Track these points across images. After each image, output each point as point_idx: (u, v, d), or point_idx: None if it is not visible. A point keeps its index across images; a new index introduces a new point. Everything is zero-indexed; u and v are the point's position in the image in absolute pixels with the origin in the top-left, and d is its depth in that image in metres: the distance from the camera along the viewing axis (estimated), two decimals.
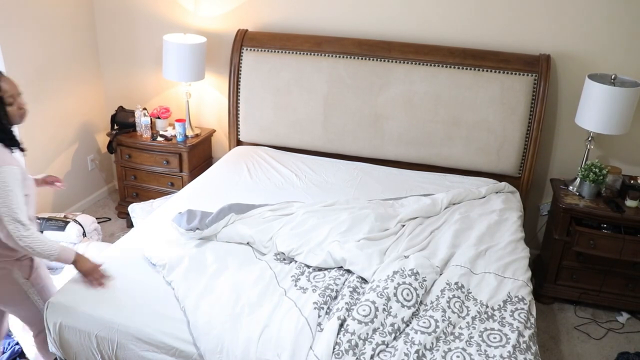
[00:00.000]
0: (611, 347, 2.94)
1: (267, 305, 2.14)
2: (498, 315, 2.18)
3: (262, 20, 3.60)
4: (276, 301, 2.17)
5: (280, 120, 3.53)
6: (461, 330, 2.10)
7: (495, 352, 1.99)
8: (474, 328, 2.11)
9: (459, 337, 2.07)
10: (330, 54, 3.39)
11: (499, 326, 2.12)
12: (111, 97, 4.10)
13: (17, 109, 2.06)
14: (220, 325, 2.04)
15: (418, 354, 1.95)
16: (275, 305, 2.15)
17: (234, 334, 2.01)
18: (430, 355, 1.97)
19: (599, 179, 3.00)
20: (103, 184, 4.30)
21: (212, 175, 3.25)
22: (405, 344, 2.00)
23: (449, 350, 1.99)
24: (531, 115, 3.19)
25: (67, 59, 3.74)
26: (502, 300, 2.26)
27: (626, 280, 3.09)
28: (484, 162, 3.30)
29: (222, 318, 2.07)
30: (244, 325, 2.04)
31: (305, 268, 2.41)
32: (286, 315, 2.09)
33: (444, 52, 3.26)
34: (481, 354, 1.98)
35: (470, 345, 2.02)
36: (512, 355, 1.96)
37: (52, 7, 3.53)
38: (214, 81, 3.84)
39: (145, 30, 3.83)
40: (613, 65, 3.12)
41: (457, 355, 1.96)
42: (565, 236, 3.07)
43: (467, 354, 1.97)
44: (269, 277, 2.32)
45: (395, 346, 2.01)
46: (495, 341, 2.04)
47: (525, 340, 2.05)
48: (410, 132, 3.34)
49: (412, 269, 2.32)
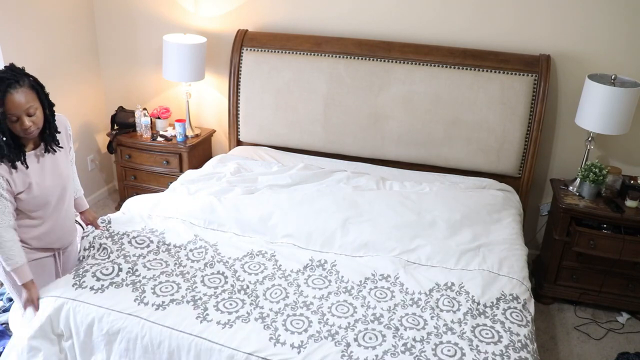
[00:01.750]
0: (611, 348, 2.94)
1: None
2: (490, 313, 2.19)
3: (262, 20, 3.60)
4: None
5: (280, 121, 3.53)
6: (453, 324, 2.11)
7: (487, 348, 1.99)
8: (465, 323, 2.12)
9: (451, 330, 2.07)
10: (330, 54, 3.39)
11: (491, 323, 2.13)
12: (111, 97, 4.10)
13: (19, 127, 2.00)
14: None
15: (406, 346, 1.97)
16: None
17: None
18: (420, 346, 1.98)
19: (599, 179, 3.00)
20: (103, 184, 4.30)
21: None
22: (394, 338, 2.01)
23: (440, 344, 2.00)
24: (531, 115, 3.19)
25: (67, 59, 3.74)
26: (496, 298, 2.27)
27: (626, 280, 3.09)
28: (484, 162, 3.30)
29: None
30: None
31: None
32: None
33: (444, 52, 3.26)
34: (473, 349, 1.98)
35: (462, 339, 2.02)
36: (504, 353, 1.96)
37: (52, 7, 3.53)
38: (214, 81, 3.84)
39: (145, 31, 3.83)
40: (613, 65, 3.12)
41: (448, 349, 1.97)
42: (565, 236, 3.06)
43: (459, 348, 1.98)
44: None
45: (383, 333, 2.03)
46: (488, 337, 2.05)
47: (521, 339, 2.05)
48: (410, 132, 3.34)
49: (382, 274, 2.39)
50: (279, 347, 1.95)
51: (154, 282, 2.24)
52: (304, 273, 2.39)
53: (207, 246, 2.52)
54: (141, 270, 2.30)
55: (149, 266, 2.34)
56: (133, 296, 2.16)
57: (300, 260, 2.47)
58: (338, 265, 2.45)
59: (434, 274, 2.42)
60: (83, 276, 2.24)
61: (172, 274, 2.31)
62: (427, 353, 1.95)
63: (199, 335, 2.00)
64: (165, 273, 2.31)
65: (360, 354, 1.93)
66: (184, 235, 2.59)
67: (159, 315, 2.08)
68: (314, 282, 2.33)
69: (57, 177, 2.21)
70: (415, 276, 2.40)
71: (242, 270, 2.38)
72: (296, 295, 2.24)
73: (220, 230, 2.69)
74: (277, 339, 1.99)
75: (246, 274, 2.36)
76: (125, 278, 2.26)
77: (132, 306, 2.11)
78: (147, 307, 2.11)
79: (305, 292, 2.27)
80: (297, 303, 2.19)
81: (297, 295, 2.24)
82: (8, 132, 2.00)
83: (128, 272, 2.29)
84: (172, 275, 2.30)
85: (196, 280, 2.29)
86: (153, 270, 2.32)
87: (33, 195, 2.11)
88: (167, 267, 2.35)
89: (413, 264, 2.50)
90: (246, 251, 2.52)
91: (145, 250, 2.44)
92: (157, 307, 2.11)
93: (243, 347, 1.95)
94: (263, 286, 2.29)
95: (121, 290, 2.19)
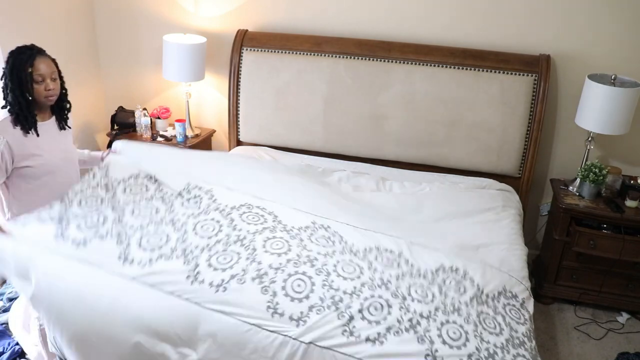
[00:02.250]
0: (611, 348, 2.94)
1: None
2: (492, 304, 2.14)
3: (262, 20, 3.60)
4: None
5: (280, 121, 3.53)
6: (460, 304, 2.04)
7: (490, 338, 1.95)
8: (472, 307, 2.05)
9: (457, 311, 2.00)
10: (330, 54, 3.39)
11: (493, 313, 2.09)
12: (111, 97, 4.10)
13: (44, 89, 2.31)
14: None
15: (411, 323, 1.90)
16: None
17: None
18: (425, 323, 1.91)
19: (599, 179, 3.00)
20: None
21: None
22: (400, 310, 1.94)
23: (447, 322, 1.93)
24: (531, 115, 3.19)
25: (67, 59, 3.71)
26: (497, 291, 2.22)
27: (626, 280, 3.09)
28: (484, 162, 3.30)
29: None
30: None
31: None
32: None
33: (444, 52, 3.26)
34: (477, 336, 1.93)
35: (468, 323, 1.96)
36: (505, 347, 1.93)
37: (52, 7, 3.53)
38: (214, 81, 3.83)
39: (145, 31, 3.83)
40: (613, 65, 3.12)
41: (453, 331, 1.91)
42: (565, 236, 3.06)
43: (464, 331, 1.92)
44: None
45: (389, 302, 1.93)
46: (491, 327, 2.00)
47: (519, 335, 2.03)
48: (410, 132, 3.34)
49: (386, 248, 2.27)
50: (277, 318, 1.86)
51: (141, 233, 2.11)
52: (306, 231, 2.23)
53: (202, 194, 2.36)
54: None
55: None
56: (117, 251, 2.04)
57: (302, 221, 2.32)
58: (340, 232, 2.30)
59: (438, 256, 2.31)
60: (67, 227, 2.11)
61: (161, 222, 2.17)
62: (432, 333, 1.88)
63: (190, 299, 1.90)
64: (154, 222, 2.17)
65: (362, 331, 1.85)
66: (179, 182, 2.44)
67: (145, 271, 1.97)
68: (318, 240, 2.17)
69: (64, 151, 2.49)
70: (421, 254, 2.29)
71: (240, 220, 2.20)
72: (300, 249, 2.07)
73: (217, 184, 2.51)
74: (275, 309, 1.88)
75: (244, 223, 2.18)
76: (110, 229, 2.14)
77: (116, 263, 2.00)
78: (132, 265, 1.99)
79: (309, 246, 2.11)
80: (300, 257, 2.02)
81: (301, 249, 2.07)
82: (30, 93, 2.29)
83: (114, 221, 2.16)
84: (161, 224, 2.16)
85: (187, 229, 2.13)
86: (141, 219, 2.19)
87: (40, 163, 2.34)
88: (157, 215, 2.21)
89: (416, 245, 2.37)
90: (244, 202, 2.35)
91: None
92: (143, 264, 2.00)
93: (239, 317, 1.85)
94: (262, 236, 2.12)
95: (105, 242, 2.07)
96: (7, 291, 3.01)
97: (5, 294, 3.01)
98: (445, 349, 1.85)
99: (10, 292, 2.99)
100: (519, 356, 1.92)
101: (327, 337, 1.84)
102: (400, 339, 1.86)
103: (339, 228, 2.34)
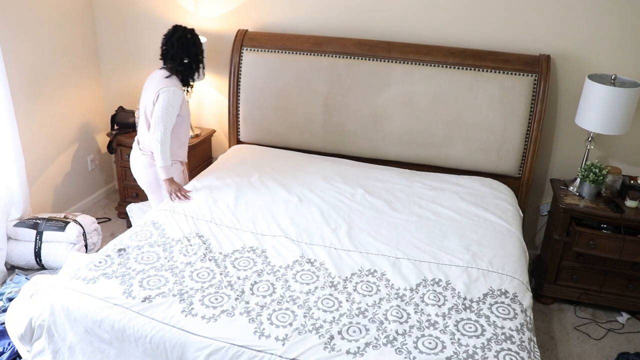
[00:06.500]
0: (611, 348, 2.94)
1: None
2: (475, 307, 2.21)
3: (262, 20, 3.60)
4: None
5: (280, 120, 3.53)
6: (437, 318, 2.14)
7: (469, 341, 2.02)
8: (449, 318, 2.14)
9: (433, 325, 2.10)
10: (330, 54, 3.39)
11: (475, 317, 2.16)
12: (111, 97, 4.10)
13: (202, 68, 3.05)
14: None
15: (388, 338, 2.01)
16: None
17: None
18: (401, 339, 2.01)
19: (599, 179, 3.00)
20: (103, 185, 4.30)
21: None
22: (377, 331, 2.05)
23: (422, 337, 2.03)
24: (531, 116, 3.19)
25: (67, 59, 3.74)
26: (483, 294, 2.29)
27: (626, 280, 3.09)
28: (484, 162, 3.30)
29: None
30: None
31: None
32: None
33: (444, 52, 3.26)
34: (454, 342, 2.01)
35: (444, 334, 2.06)
36: (486, 346, 1.99)
37: (52, 7, 3.53)
38: (214, 81, 3.83)
39: (145, 31, 3.83)
40: (613, 65, 3.12)
41: (429, 342, 2.00)
42: (565, 236, 3.06)
43: (440, 341, 2.01)
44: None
45: (366, 326, 2.07)
46: (471, 331, 2.08)
47: (505, 331, 2.07)
48: (410, 132, 3.34)
49: (368, 269, 2.42)
50: (263, 340, 1.98)
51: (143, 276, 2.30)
52: (292, 269, 2.41)
53: (200, 243, 2.56)
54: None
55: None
56: (121, 289, 2.22)
57: (290, 257, 2.50)
58: (327, 263, 2.45)
59: (422, 269, 2.43)
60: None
61: (161, 268, 2.36)
62: (409, 346, 1.98)
63: (183, 328, 2.03)
64: (154, 268, 2.36)
65: (342, 346, 1.97)
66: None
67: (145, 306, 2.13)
68: (302, 277, 2.35)
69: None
70: (405, 271, 2.41)
71: (232, 267, 2.40)
72: (283, 290, 2.27)
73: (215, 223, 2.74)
74: (261, 332, 2.02)
75: (235, 269, 2.39)
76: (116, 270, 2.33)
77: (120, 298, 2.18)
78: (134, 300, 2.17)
79: (292, 287, 2.30)
80: (283, 297, 2.22)
81: (285, 290, 2.27)
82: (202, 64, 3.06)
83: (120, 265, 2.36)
84: (161, 270, 2.34)
85: (184, 275, 2.33)
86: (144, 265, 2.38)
87: (185, 117, 3.01)
88: (157, 262, 2.41)
89: (404, 259, 2.49)
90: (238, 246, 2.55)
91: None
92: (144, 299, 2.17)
93: (227, 340, 1.99)
94: (249, 281, 2.32)
95: (111, 281, 2.26)
96: (7, 291, 3.01)
97: (5, 293, 3.01)
98: (423, 357, 1.95)
99: (10, 292, 2.99)
100: (502, 351, 1.98)
101: (309, 352, 1.94)
102: (379, 352, 1.96)
103: (326, 258, 2.48)
